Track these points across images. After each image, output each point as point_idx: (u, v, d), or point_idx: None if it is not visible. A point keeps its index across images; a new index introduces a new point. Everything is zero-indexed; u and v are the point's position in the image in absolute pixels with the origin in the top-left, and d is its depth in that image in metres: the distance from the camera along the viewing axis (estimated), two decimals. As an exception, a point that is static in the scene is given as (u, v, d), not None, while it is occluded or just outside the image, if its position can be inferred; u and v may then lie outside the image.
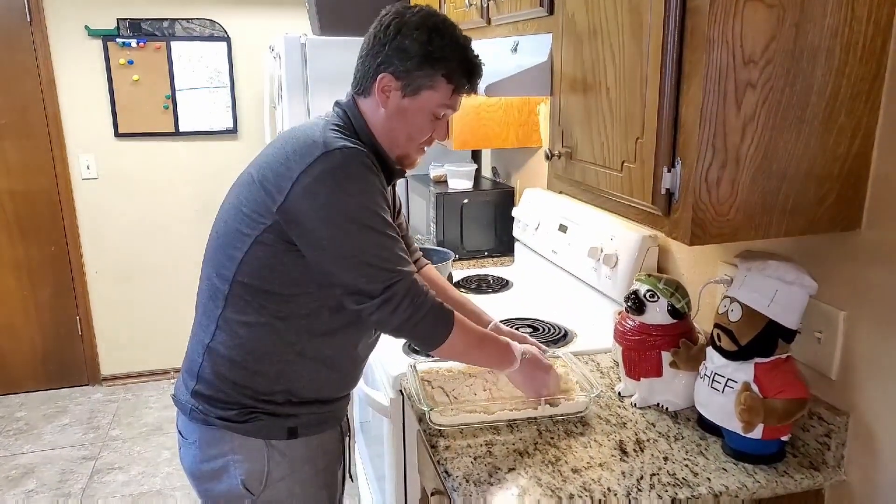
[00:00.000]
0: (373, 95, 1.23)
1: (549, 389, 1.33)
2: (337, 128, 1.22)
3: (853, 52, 0.99)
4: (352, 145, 1.17)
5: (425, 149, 1.31)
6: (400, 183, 2.85)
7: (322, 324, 1.24)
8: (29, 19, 3.21)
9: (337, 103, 1.30)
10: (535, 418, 1.31)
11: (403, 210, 1.59)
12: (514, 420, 1.30)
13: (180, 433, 1.34)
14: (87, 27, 3.30)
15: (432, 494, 1.36)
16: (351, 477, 1.50)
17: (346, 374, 1.33)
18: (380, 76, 1.21)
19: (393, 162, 1.28)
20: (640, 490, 1.09)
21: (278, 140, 1.25)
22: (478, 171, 2.68)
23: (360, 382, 1.74)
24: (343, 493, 1.48)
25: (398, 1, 2.86)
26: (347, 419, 1.44)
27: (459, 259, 2.43)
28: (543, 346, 1.50)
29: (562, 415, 1.31)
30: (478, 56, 1.25)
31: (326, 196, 1.13)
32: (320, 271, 1.18)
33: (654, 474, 1.14)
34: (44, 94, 3.30)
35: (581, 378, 1.38)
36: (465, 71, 1.23)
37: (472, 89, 1.27)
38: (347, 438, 1.44)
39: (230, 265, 1.22)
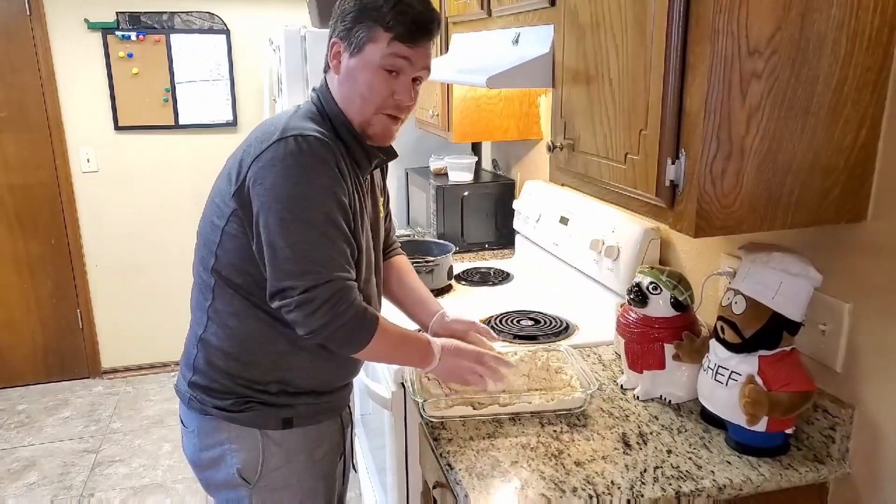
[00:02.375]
0: (332, 68, 1.24)
1: (476, 377, 1.29)
2: (308, 114, 1.22)
3: (859, 42, 0.98)
4: (310, 133, 1.14)
5: (397, 117, 1.24)
6: (400, 175, 2.84)
7: None
8: (28, 13, 3.19)
9: (313, 88, 1.30)
10: (538, 412, 1.30)
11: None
12: (515, 413, 1.30)
13: (182, 422, 1.35)
14: (86, 20, 3.28)
15: (434, 487, 1.36)
16: (354, 468, 1.50)
17: (341, 363, 1.32)
18: (331, 44, 1.23)
19: (367, 139, 1.25)
20: (643, 483, 1.09)
21: (253, 130, 1.26)
22: (478, 163, 2.67)
23: (362, 374, 1.74)
24: (346, 484, 1.48)
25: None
26: (349, 409, 1.43)
27: (460, 252, 2.43)
28: (492, 333, 1.47)
29: (557, 410, 1.30)
30: (425, 7, 1.20)
31: (271, 182, 1.12)
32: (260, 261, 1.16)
33: (657, 467, 1.14)
34: (43, 88, 3.29)
35: (580, 373, 1.37)
36: (399, 15, 1.17)
37: (414, 36, 1.19)
38: (349, 429, 1.43)
39: (209, 258, 1.23)
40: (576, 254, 1.88)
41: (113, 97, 3.39)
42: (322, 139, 1.15)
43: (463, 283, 2.14)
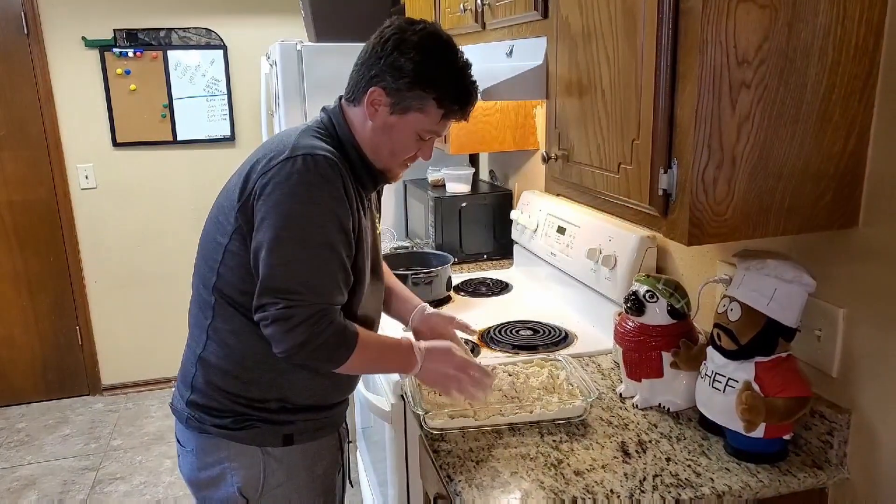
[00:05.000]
0: (362, 106, 1.22)
1: (460, 388, 1.26)
2: (317, 133, 1.22)
3: (846, 50, 1.00)
4: (319, 152, 1.15)
5: (409, 165, 1.30)
6: (398, 187, 2.85)
7: None
8: (26, 31, 3.21)
9: (324, 109, 1.30)
10: (537, 422, 1.30)
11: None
12: (515, 423, 1.30)
13: (178, 442, 1.34)
14: (83, 38, 3.30)
15: (435, 499, 1.36)
16: (351, 483, 1.50)
17: (341, 380, 1.32)
18: (371, 89, 1.20)
19: (376, 170, 1.27)
20: (642, 492, 1.09)
21: (260, 146, 1.25)
22: (475, 174, 2.68)
23: (362, 388, 1.74)
24: (343, 499, 1.48)
25: (394, 6, 2.87)
26: (346, 425, 1.44)
27: (458, 263, 2.43)
28: (471, 327, 1.47)
29: (557, 419, 1.31)
30: (474, 83, 1.24)
31: (275, 199, 1.13)
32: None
33: (656, 475, 1.14)
34: (41, 105, 3.30)
35: (580, 382, 1.37)
36: (457, 97, 1.21)
37: (464, 116, 1.25)
38: (346, 444, 1.43)
39: (211, 275, 1.22)
40: (573, 263, 1.88)
41: (111, 114, 3.41)
42: (331, 159, 1.16)
43: (462, 293, 2.14)
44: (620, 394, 1.42)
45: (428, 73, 1.18)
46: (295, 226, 1.13)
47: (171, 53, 3.42)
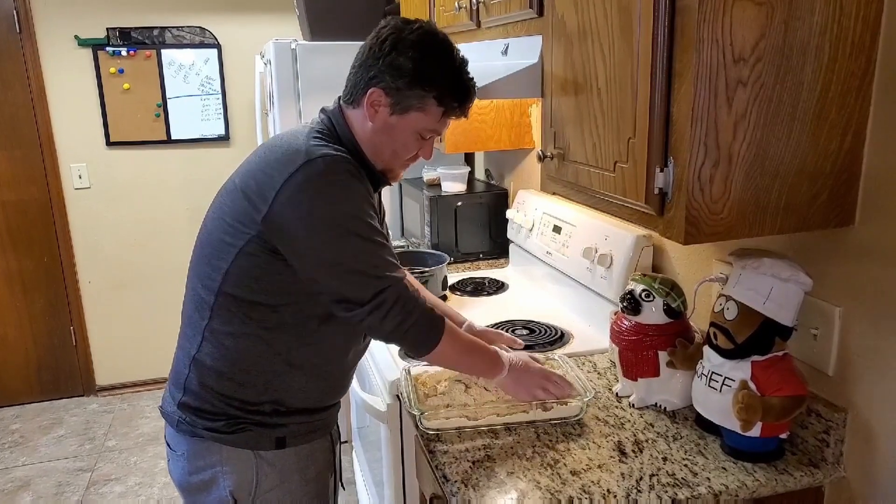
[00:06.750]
0: (362, 107, 1.22)
1: (545, 392, 1.31)
2: (320, 135, 1.21)
3: (842, 48, 0.99)
4: (334, 153, 1.16)
5: (410, 165, 1.31)
6: (394, 186, 2.84)
7: (310, 333, 1.23)
8: (18, 30, 3.19)
9: (323, 110, 1.29)
10: (533, 421, 1.30)
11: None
12: (511, 423, 1.30)
13: (168, 445, 1.33)
14: (76, 37, 3.28)
15: (431, 500, 1.35)
16: (343, 486, 1.49)
17: (334, 382, 1.32)
18: (370, 90, 1.20)
19: (377, 171, 1.27)
20: (639, 491, 1.09)
21: (261, 148, 1.24)
22: (471, 173, 2.67)
23: (357, 388, 1.74)
24: (336, 501, 1.47)
25: (388, 5, 2.86)
26: (338, 427, 1.43)
27: (454, 262, 2.43)
28: (519, 342, 1.51)
29: (553, 419, 1.30)
30: (472, 80, 1.24)
31: (310, 204, 1.13)
32: (308, 280, 1.17)
33: (653, 475, 1.13)
34: (34, 105, 3.28)
35: (575, 382, 1.37)
36: (456, 95, 1.22)
37: (463, 113, 1.25)
38: (338, 447, 1.43)
39: (216, 276, 1.21)
40: (569, 262, 1.88)
41: (104, 113, 3.39)
42: (347, 157, 1.17)
43: (458, 293, 2.14)
44: (617, 393, 1.42)
45: (427, 72, 1.17)
46: (341, 223, 1.14)
47: (164, 52, 3.40)
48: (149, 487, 2.84)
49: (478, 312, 1.95)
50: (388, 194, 2.83)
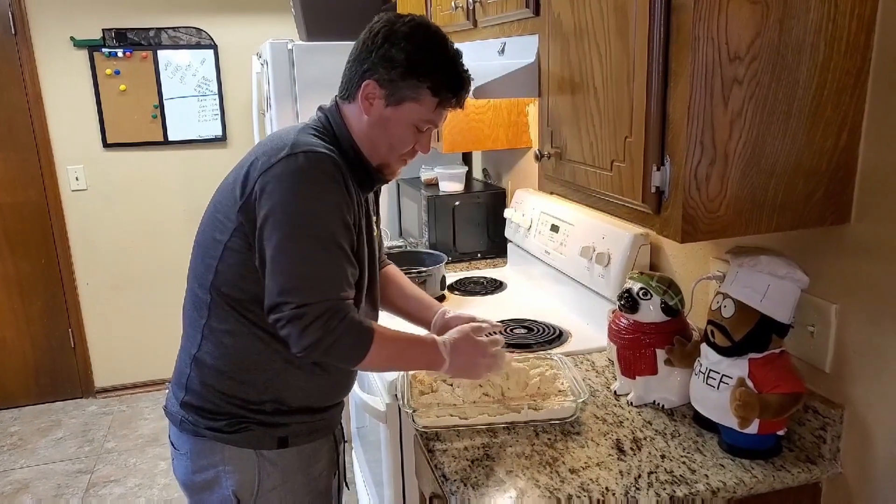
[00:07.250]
0: (357, 102, 1.22)
1: (489, 370, 1.28)
2: (314, 132, 1.21)
3: (837, 46, 1.00)
4: (320, 150, 1.15)
5: (408, 160, 1.30)
6: (391, 186, 2.84)
7: None
8: (14, 31, 3.19)
9: (320, 108, 1.29)
10: (529, 421, 1.30)
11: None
12: (503, 423, 1.29)
13: (172, 444, 1.33)
14: (72, 38, 3.28)
15: (431, 499, 1.36)
16: (347, 485, 1.49)
17: (335, 381, 1.32)
18: (364, 83, 1.20)
19: (374, 169, 1.27)
20: (638, 489, 1.09)
21: (257, 144, 1.25)
22: (469, 172, 2.68)
23: (356, 388, 1.74)
24: (340, 501, 1.47)
25: (385, 4, 2.86)
26: (341, 427, 1.43)
27: (452, 262, 2.43)
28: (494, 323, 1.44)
29: (546, 420, 1.30)
30: (466, 70, 1.24)
31: (279, 197, 1.12)
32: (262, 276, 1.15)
33: (651, 472, 1.14)
34: (30, 106, 3.28)
35: (571, 382, 1.37)
36: (450, 85, 1.21)
37: (458, 104, 1.25)
38: (341, 446, 1.43)
39: (208, 274, 1.21)
40: (567, 261, 1.88)
41: (101, 114, 3.38)
42: (332, 157, 1.16)
43: (456, 292, 2.14)
44: (615, 391, 1.42)
45: (420, 62, 1.17)
46: (303, 223, 1.12)
47: (161, 53, 3.39)
48: (148, 489, 2.83)
49: (476, 312, 1.93)
50: (385, 194, 2.83)
